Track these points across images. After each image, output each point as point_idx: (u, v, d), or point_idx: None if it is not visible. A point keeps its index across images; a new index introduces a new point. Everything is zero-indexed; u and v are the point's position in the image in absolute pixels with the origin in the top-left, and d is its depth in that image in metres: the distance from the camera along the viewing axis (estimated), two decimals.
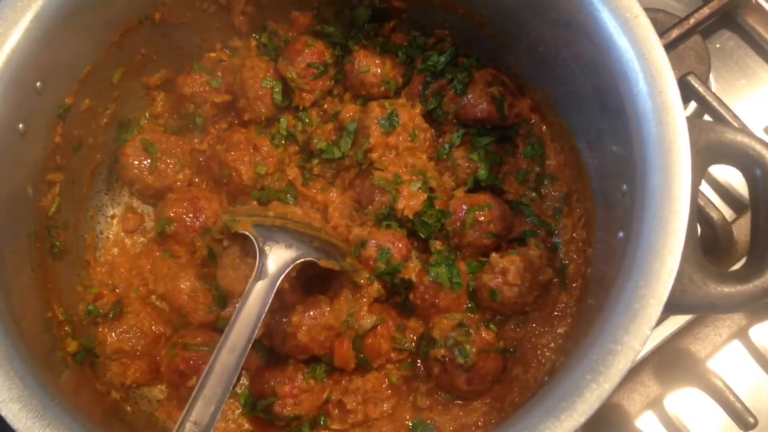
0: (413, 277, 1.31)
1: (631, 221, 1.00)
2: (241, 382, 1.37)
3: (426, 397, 1.32)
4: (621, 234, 1.05)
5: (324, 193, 1.44)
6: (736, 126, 1.44)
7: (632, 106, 1.03)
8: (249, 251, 1.25)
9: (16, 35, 1.11)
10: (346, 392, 1.31)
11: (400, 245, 1.32)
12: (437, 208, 1.36)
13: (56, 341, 1.21)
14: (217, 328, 1.35)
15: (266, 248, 1.17)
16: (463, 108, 1.41)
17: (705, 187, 1.54)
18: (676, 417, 1.43)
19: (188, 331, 1.34)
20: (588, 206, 1.29)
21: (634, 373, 1.44)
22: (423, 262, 1.33)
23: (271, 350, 1.32)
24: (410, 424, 1.31)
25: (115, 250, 1.45)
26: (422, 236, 1.36)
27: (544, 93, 1.37)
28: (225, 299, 1.33)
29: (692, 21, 1.55)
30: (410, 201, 1.34)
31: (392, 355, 1.32)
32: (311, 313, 1.25)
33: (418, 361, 1.34)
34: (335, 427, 1.32)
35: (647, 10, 1.06)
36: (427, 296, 1.31)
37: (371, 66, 1.44)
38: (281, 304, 1.25)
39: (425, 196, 1.35)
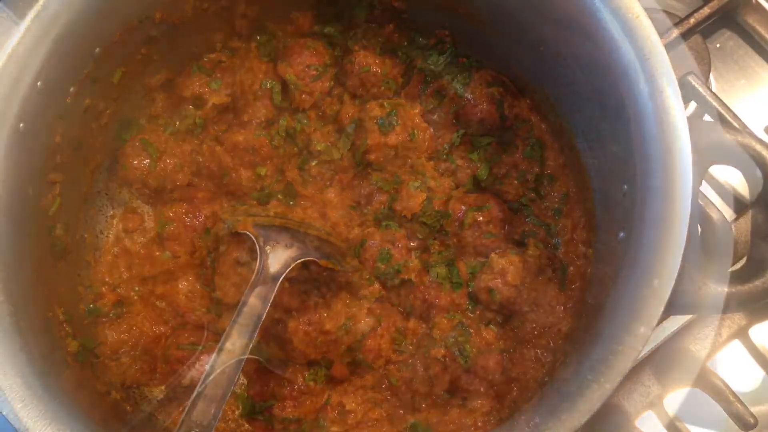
0: (413, 277, 1.31)
1: (631, 221, 1.00)
2: (240, 381, 1.37)
3: (425, 398, 1.32)
4: (622, 234, 1.05)
5: (323, 193, 1.43)
6: (737, 126, 1.44)
7: (633, 107, 1.03)
8: (245, 260, 1.25)
9: (16, 35, 1.11)
10: (346, 393, 1.31)
11: (400, 245, 1.32)
12: (436, 208, 1.36)
13: (57, 341, 1.21)
14: (214, 329, 1.35)
15: (267, 248, 1.17)
16: (462, 108, 1.41)
17: (705, 187, 1.54)
18: (676, 417, 1.43)
19: (184, 331, 1.34)
20: (588, 206, 1.29)
21: (634, 373, 1.44)
22: (423, 262, 1.33)
23: (270, 353, 1.32)
24: (409, 425, 1.30)
25: (115, 250, 1.45)
26: (420, 237, 1.36)
27: (544, 93, 1.37)
28: (221, 309, 1.33)
29: (692, 21, 1.55)
30: (409, 201, 1.34)
31: (392, 356, 1.32)
32: (307, 318, 1.24)
33: (418, 362, 1.34)
34: (334, 429, 1.31)
35: (647, 10, 1.05)
36: (427, 296, 1.31)
37: (371, 65, 1.43)
38: (278, 309, 1.24)
39: (424, 196, 1.35)
